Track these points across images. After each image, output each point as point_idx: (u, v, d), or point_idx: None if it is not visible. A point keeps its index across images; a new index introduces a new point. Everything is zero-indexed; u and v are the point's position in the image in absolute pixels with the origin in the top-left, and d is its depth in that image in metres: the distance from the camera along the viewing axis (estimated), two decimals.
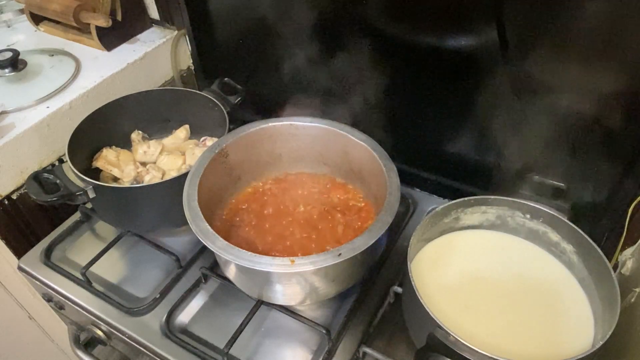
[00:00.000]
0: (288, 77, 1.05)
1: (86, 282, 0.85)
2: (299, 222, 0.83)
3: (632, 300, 0.70)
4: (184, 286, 0.84)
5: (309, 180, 0.91)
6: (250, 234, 0.81)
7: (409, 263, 0.67)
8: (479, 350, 0.56)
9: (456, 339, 0.58)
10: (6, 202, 0.93)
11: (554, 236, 0.73)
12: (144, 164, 0.95)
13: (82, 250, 0.93)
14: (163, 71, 1.18)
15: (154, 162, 0.95)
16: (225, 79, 1.02)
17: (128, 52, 1.12)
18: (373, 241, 0.65)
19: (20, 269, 0.91)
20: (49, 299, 0.92)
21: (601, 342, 0.58)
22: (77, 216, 0.98)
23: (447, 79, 0.84)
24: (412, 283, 0.63)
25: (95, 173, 0.93)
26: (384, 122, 0.95)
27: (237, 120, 0.93)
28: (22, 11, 1.25)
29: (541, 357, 0.63)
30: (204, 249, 0.89)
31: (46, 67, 1.08)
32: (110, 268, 0.89)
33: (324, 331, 0.73)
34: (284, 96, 1.09)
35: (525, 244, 0.77)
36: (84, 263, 0.86)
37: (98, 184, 0.80)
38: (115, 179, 0.93)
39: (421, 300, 0.61)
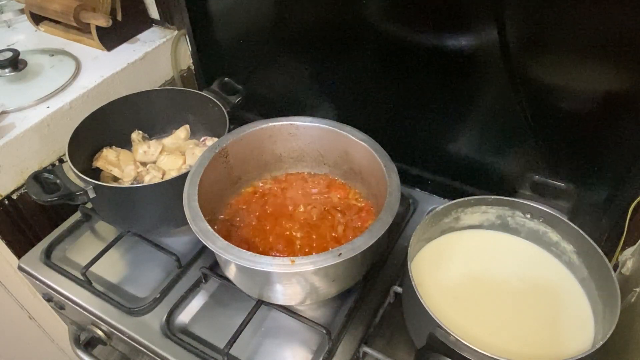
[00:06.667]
0: (288, 77, 1.05)
1: (86, 282, 0.85)
2: (299, 222, 0.83)
3: (633, 300, 0.70)
4: (184, 286, 0.84)
5: (309, 180, 0.91)
6: (250, 234, 0.81)
7: (409, 263, 0.67)
8: (479, 350, 0.56)
9: (456, 338, 0.58)
10: (6, 202, 0.93)
11: (554, 236, 0.73)
12: (144, 164, 0.95)
13: (82, 250, 0.93)
14: (163, 71, 1.18)
15: (154, 162, 0.95)
16: (225, 79, 1.02)
17: (128, 52, 1.12)
18: (373, 241, 0.65)
19: (20, 268, 0.91)
20: (49, 299, 0.92)
21: (601, 342, 0.58)
22: (77, 216, 0.98)
23: (447, 78, 0.84)
24: (412, 283, 0.63)
25: (96, 173, 0.93)
26: (384, 122, 0.95)
27: (237, 120, 0.93)
28: (22, 11, 1.25)
29: (541, 357, 0.63)
30: (204, 249, 0.89)
31: (46, 67, 1.08)
32: (111, 268, 0.89)
33: (324, 331, 0.74)
34: (284, 96, 1.09)
35: (526, 244, 0.77)
36: (84, 263, 0.86)
37: (98, 184, 0.80)
38: (116, 179, 0.93)
39: (421, 300, 0.61)
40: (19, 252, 0.94)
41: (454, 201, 0.74)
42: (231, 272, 0.75)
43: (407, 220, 0.95)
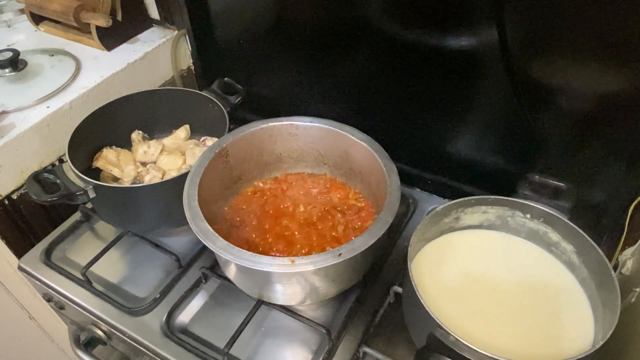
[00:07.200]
0: (288, 77, 1.05)
1: (86, 282, 0.85)
2: (299, 222, 0.83)
3: (633, 300, 0.70)
4: (184, 286, 0.84)
5: (309, 180, 0.91)
6: (250, 234, 0.81)
7: (409, 263, 0.67)
8: (479, 350, 0.56)
9: (456, 338, 0.58)
10: (6, 202, 0.93)
11: (554, 236, 0.73)
12: (144, 164, 0.95)
13: (82, 250, 0.93)
14: (163, 71, 1.18)
15: (154, 162, 0.95)
16: (225, 79, 1.02)
17: (128, 52, 1.12)
18: (373, 241, 0.65)
19: (20, 268, 0.91)
20: (49, 299, 0.92)
21: (601, 342, 0.58)
22: (77, 216, 0.98)
23: (447, 78, 0.84)
24: (412, 283, 0.63)
25: (96, 173, 0.93)
26: (384, 122, 0.95)
27: (237, 120, 0.93)
28: (22, 11, 1.25)
29: (541, 357, 0.63)
30: (204, 249, 0.89)
31: (46, 67, 1.08)
32: (111, 268, 0.89)
33: (324, 331, 0.74)
34: (284, 96, 1.09)
35: (526, 244, 0.77)
36: (84, 263, 0.86)
37: (98, 184, 0.80)
38: (116, 179, 0.93)
39: (421, 300, 0.61)
40: (19, 252, 0.94)
41: (454, 201, 0.74)
42: (231, 272, 0.75)
43: (407, 220, 0.95)
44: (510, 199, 0.74)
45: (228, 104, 0.97)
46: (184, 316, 0.81)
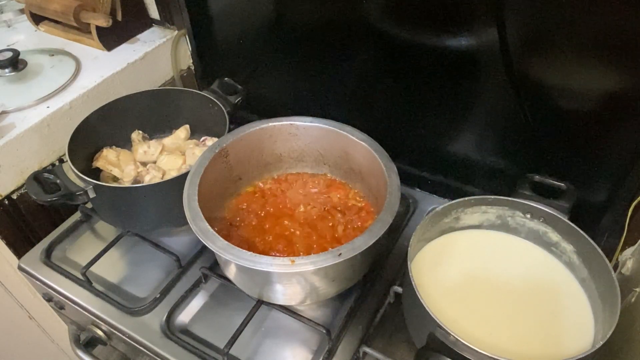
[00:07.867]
0: (288, 77, 1.05)
1: (86, 282, 0.85)
2: (299, 222, 0.83)
3: (633, 300, 0.70)
4: (184, 286, 0.84)
5: (309, 180, 0.91)
6: (250, 234, 0.81)
7: (409, 263, 0.67)
8: (479, 350, 0.56)
9: (456, 338, 0.58)
10: (6, 202, 0.93)
11: (554, 236, 0.73)
12: (144, 164, 0.95)
13: (82, 250, 0.93)
14: (163, 71, 1.18)
15: (154, 162, 0.95)
16: (225, 79, 1.02)
17: (128, 52, 1.12)
18: (373, 241, 0.65)
19: (20, 268, 0.91)
20: (49, 299, 0.92)
21: (601, 342, 0.58)
22: (77, 216, 0.98)
23: (447, 78, 0.84)
24: (412, 283, 0.63)
25: (96, 173, 0.93)
26: (384, 122, 0.95)
27: (237, 120, 0.93)
28: (22, 11, 1.25)
29: (541, 357, 0.63)
30: (204, 249, 0.89)
31: (46, 67, 1.08)
32: (111, 268, 0.89)
33: (324, 331, 0.74)
34: (284, 96, 1.09)
35: (526, 244, 0.77)
36: (84, 263, 0.86)
37: (98, 184, 0.80)
38: (116, 179, 0.93)
39: (421, 300, 0.61)
40: (19, 252, 0.94)
41: (454, 201, 0.74)
42: (231, 272, 0.75)
43: (407, 220, 0.95)
44: (510, 199, 0.74)
45: (228, 104, 0.97)
46: (184, 316, 0.81)
